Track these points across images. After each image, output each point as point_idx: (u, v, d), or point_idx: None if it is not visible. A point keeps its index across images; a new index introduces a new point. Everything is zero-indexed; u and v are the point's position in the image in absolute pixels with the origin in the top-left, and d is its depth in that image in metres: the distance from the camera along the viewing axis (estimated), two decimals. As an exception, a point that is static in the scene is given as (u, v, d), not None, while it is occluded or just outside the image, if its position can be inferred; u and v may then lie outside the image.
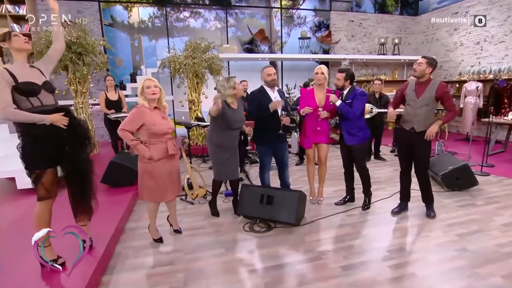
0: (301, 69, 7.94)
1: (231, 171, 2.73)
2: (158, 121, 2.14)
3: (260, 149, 2.94)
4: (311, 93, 2.90)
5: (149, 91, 2.13)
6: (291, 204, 2.53)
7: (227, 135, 2.64)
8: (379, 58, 7.68)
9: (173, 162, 2.26)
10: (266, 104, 2.74)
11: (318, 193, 3.17)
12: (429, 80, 2.53)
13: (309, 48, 7.72)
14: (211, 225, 2.73)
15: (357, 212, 2.93)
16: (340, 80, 2.77)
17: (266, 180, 2.96)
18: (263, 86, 2.84)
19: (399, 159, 2.80)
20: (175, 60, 5.33)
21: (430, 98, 2.50)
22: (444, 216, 2.77)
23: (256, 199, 2.67)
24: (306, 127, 2.97)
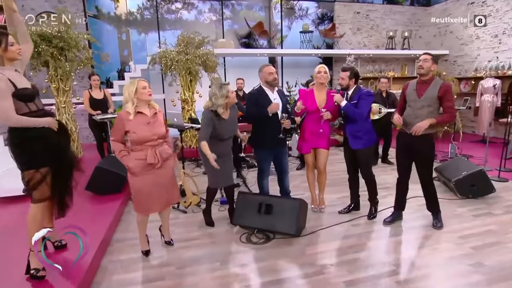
0: (302, 65, 7.98)
1: (225, 177, 2.77)
2: (139, 128, 2.15)
3: (258, 154, 2.98)
4: (310, 94, 2.94)
5: (145, 92, 2.15)
6: (291, 214, 2.56)
7: (218, 144, 2.68)
8: (387, 53, 7.75)
9: (162, 170, 2.26)
10: (266, 106, 2.77)
11: (320, 201, 3.21)
12: (432, 79, 2.56)
13: (312, 42, 7.78)
14: (205, 236, 2.76)
15: (363, 221, 2.96)
16: (344, 79, 2.81)
17: (265, 187, 2.99)
18: (261, 86, 2.88)
19: (397, 164, 2.83)
20: (166, 56, 5.36)
21: (432, 99, 2.52)
22: (457, 226, 2.80)
23: (254, 208, 2.70)
24: (305, 130, 3.00)
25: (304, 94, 2.96)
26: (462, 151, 5.12)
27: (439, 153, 5.25)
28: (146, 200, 2.23)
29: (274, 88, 2.88)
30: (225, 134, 2.66)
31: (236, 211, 2.80)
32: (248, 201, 2.77)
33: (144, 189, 2.21)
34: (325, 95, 2.93)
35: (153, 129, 2.20)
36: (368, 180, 2.94)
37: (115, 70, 6.73)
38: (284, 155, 2.99)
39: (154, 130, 2.20)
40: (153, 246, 2.53)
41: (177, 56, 5.32)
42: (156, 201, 2.27)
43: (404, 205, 2.92)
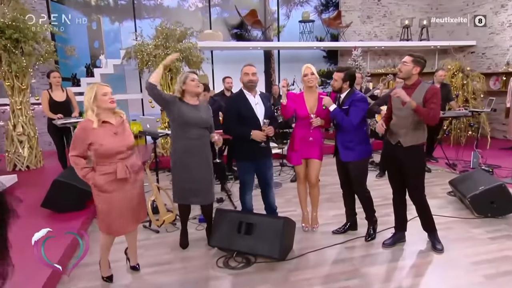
0: (302, 59, 8.11)
1: (195, 191, 2.85)
2: (106, 140, 2.24)
3: (239, 166, 3.11)
4: (300, 98, 3.08)
5: (106, 99, 2.23)
6: (274, 234, 2.67)
7: (187, 137, 2.77)
8: (402, 45, 7.93)
9: (132, 185, 2.37)
10: (246, 112, 2.92)
11: (312, 220, 3.32)
12: (417, 83, 2.67)
13: (313, 33, 7.99)
14: (178, 259, 2.86)
15: (359, 243, 3.07)
16: (337, 81, 2.93)
17: (247, 202, 3.12)
18: (242, 89, 3.03)
19: (389, 179, 2.96)
20: (143, 50, 5.52)
21: (418, 104, 2.60)
22: (469, 250, 2.90)
23: (233, 227, 2.81)
24: (295, 139, 3.13)
25: (293, 98, 3.10)
26: (486, 161, 5.24)
27: (460, 162, 5.39)
28: (117, 220, 2.32)
29: (255, 92, 3.02)
30: (189, 119, 2.74)
31: (213, 230, 2.92)
32: (226, 219, 2.88)
33: (114, 208, 2.29)
34: (317, 98, 3.07)
35: (122, 139, 2.30)
36: (362, 197, 3.04)
37: (83, 66, 6.89)
38: (267, 167, 3.12)
39: (124, 141, 2.31)
40: (117, 272, 2.63)
41: (154, 51, 5.49)
42: (129, 220, 2.38)
43: (405, 224, 3.04)
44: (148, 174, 3.39)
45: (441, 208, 3.75)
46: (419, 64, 2.67)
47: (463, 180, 3.89)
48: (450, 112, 5.53)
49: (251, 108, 2.95)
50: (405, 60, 2.67)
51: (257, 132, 2.89)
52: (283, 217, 2.85)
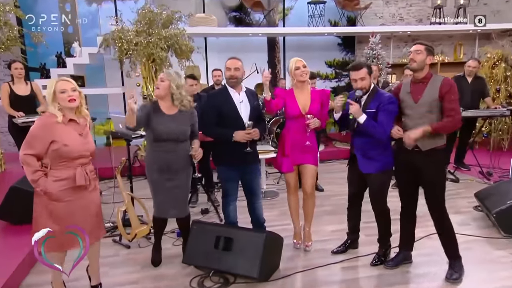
0: (312, 47, 8.27)
1: (171, 204, 2.99)
2: (72, 140, 2.33)
3: (221, 172, 3.22)
4: (290, 95, 3.17)
5: (64, 97, 2.32)
6: (254, 250, 2.77)
7: (159, 149, 2.92)
8: (433, 29, 7.89)
9: (91, 194, 2.49)
10: (228, 111, 3.03)
11: (305, 236, 3.39)
12: (429, 76, 2.71)
13: (324, 17, 8.05)
14: (147, 279, 2.98)
15: (357, 264, 3.14)
16: (365, 80, 2.82)
17: (230, 214, 3.23)
18: (225, 85, 3.16)
19: (399, 189, 3.01)
20: (122, 37, 5.68)
21: (433, 102, 2.66)
22: (486, 276, 2.92)
23: (210, 242, 2.93)
24: (285, 142, 3.21)
25: (282, 95, 3.20)
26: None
27: (496, 171, 5.39)
28: None
29: (240, 88, 3.13)
30: (162, 132, 2.87)
31: (188, 246, 3.04)
32: (203, 233, 3.00)
33: (68, 219, 2.35)
34: (309, 95, 3.16)
35: (86, 142, 2.42)
36: (381, 215, 3.07)
37: (54, 54, 7.05)
38: (254, 174, 3.22)
39: (87, 144, 2.43)
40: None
41: (135, 38, 5.63)
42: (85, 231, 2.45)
43: (412, 243, 3.09)
44: (119, 181, 3.54)
45: (463, 225, 3.79)
46: (431, 53, 2.71)
47: (490, 192, 3.92)
48: (483, 111, 5.52)
49: (234, 107, 3.06)
50: (417, 48, 2.71)
51: (241, 132, 2.98)
52: (266, 231, 2.95)
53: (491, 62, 6.91)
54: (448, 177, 5.18)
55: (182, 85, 2.94)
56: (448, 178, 5.11)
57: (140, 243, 3.55)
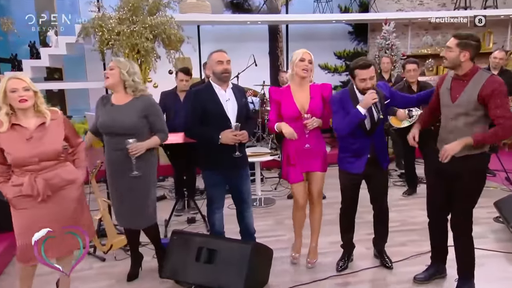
0: (318, 37, 8.36)
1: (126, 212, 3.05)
2: (15, 147, 2.43)
3: (206, 177, 3.30)
4: (287, 94, 3.21)
5: (15, 97, 2.39)
6: (239, 263, 2.86)
7: (109, 147, 2.99)
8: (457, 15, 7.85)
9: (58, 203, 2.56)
10: (213, 110, 3.11)
11: (310, 252, 3.47)
12: (473, 72, 2.64)
13: (333, 1, 8.11)
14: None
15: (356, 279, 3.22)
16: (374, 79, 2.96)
17: (216, 224, 3.33)
18: (210, 82, 3.22)
19: (428, 196, 3.05)
20: (102, 26, 5.80)
21: (470, 103, 2.61)
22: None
23: (191, 254, 3.02)
24: (289, 149, 3.25)
25: (278, 95, 3.24)
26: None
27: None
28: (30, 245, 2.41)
29: (227, 85, 3.20)
30: (103, 124, 2.94)
31: (167, 258, 3.13)
32: (184, 244, 3.09)
33: (31, 228, 2.39)
34: (308, 92, 3.22)
35: (35, 147, 2.46)
36: (385, 214, 3.34)
37: (27, 44, 7.14)
38: (242, 179, 3.30)
39: (37, 149, 2.47)
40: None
41: (118, 26, 5.73)
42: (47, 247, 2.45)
43: (446, 255, 3.14)
44: (94, 187, 3.64)
45: (479, 238, 3.73)
46: (468, 47, 2.60)
47: (507, 203, 3.97)
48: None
49: (220, 106, 3.12)
50: (449, 44, 2.67)
51: (228, 134, 3.04)
52: (253, 242, 3.04)
53: (524, 52, 6.95)
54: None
55: (135, 72, 2.98)
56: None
57: (116, 255, 3.64)
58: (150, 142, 3.01)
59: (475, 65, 2.69)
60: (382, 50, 6.70)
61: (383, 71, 5.96)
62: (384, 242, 3.42)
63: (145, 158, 2.98)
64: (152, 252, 3.65)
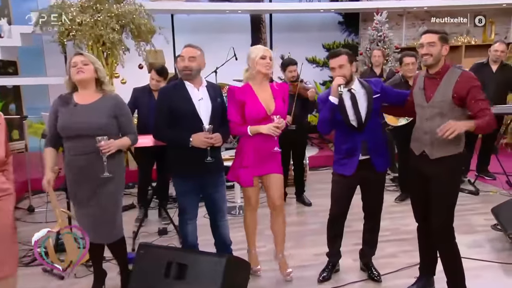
0: (306, 27, 8.42)
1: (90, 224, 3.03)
2: None
3: (177, 184, 3.33)
4: (250, 93, 3.26)
5: None
6: (212, 279, 2.87)
7: (71, 152, 2.95)
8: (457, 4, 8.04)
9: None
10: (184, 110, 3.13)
11: (281, 264, 3.53)
12: (444, 70, 2.80)
13: (321, -11, 8.20)
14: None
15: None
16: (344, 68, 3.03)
17: (189, 235, 3.36)
18: (181, 79, 3.26)
19: (412, 202, 3.16)
20: (62, 14, 5.71)
21: (445, 102, 2.75)
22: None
23: (160, 270, 3.01)
24: (245, 151, 3.32)
25: (241, 94, 3.27)
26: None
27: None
28: None
29: (201, 83, 3.24)
30: (64, 125, 2.90)
31: (133, 275, 3.13)
32: (152, 259, 3.09)
33: None
34: (270, 92, 3.31)
35: None
36: (377, 223, 3.41)
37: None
38: (217, 186, 3.34)
39: None
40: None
41: (80, 15, 5.69)
42: None
43: (435, 266, 3.19)
44: (51, 196, 3.61)
45: (474, 247, 3.94)
46: (446, 41, 2.78)
47: (509, 207, 4.07)
48: (510, 107, 5.68)
49: (192, 105, 3.15)
50: (430, 39, 2.76)
51: (200, 136, 3.06)
52: (228, 255, 3.06)
53: (526, 45, 7.09)
54: (466, 188, 5.37)
55: (103, 70, 3.05)
56: (465, 190, 5.31)
57: (76, 273, 3.62)
58: (121, 142, 3.02)
59: (446, 62, 2.85)
60: (373, 42, 6.79)
61: (374, 65, 6.05)
62: (372, 253, 3.49)
63: (115, 159, 3.00)
64: (117, 268, 3.67)
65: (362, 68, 6.97)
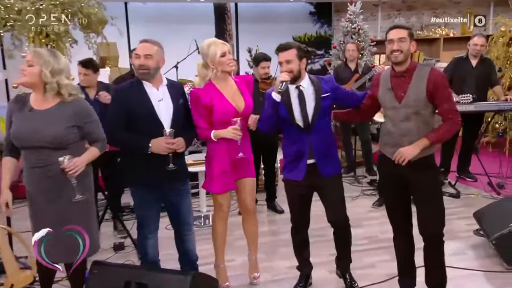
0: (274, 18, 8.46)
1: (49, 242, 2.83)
2: None
3: (135, 195, 3.28)
4: (217, 94, 3.24)
5: None
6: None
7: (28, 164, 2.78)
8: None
9: None
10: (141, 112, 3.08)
11: (251, 267, 3.61)
12: (413, 67, 2.90)
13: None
14: None
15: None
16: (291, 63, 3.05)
17: (149, 251, 3.31)
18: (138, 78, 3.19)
19: (390, 212, 3.21)
20: (0, 1, 5.58)
21: (419, 101, 2.84)
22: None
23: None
24: (218, 154, 3.30)
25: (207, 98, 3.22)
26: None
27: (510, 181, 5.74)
28: None
29: (162, 81, 3.19)
30: (18, 134, 2.72)
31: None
32: (108, 278, 3.02)
33: None
34: (236, 87, 3.34)
35: None
36: (345, 228, 3.35)
37: None
38: (181, 197, 3.30)
39: None
40: None
41: (17, 3, 5.53)
42: None
43: (413, 273, 3.26)
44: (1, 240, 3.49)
45: (456, 254, 4.02)
46: (413, 37, 2.91)
47: (491, 212, 4.17)
48: (492, 103, 5.81)
49: (151, 107, 3.09)
50: (400, 35, 2.84)
51: (160, 141, 3.01)
52: (194, 272, 3.03)
53: (507, 37, 7.21)
54: (447, 191, 5.50)
55: (61, 70, 2.75)
56: (446, 193, 5.41)
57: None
58: (88, 156, 2.85)
59: (412, 60, 2.96)
60: (347, 35, 6.86)
61: (348, 59, 6.10)
62: (348, 261, 3.48)
63: (84, 175, 2.82)
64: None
65: (336, 63, 7.06)
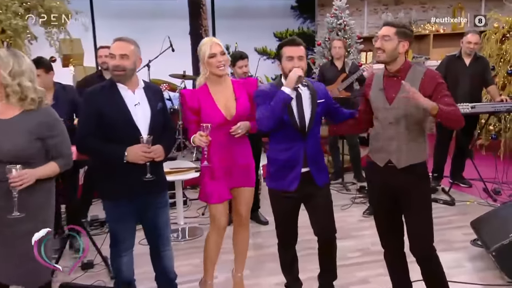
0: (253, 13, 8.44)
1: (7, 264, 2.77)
2: None
3: (108, 209, 3.23)
4: (206, 97, 3.23)
5: None
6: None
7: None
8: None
9: None
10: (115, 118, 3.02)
11: (235, 285, 3.58)
12: (406, 67, 2.93)
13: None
14: None
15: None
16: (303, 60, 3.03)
17: (123, 269, 3.24)
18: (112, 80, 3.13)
19: (376, 224, 3.23)
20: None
21: (410, 102, 2.79)
22: None
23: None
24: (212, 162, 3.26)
25: (195, 100, 3.23)
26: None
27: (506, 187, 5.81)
28: None
29: (138, 84, 3.14)
30: None
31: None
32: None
33: None
34: (232, 91, 3.30)
35: None
36: (332, 243, 3.32)
37: None
38: (159, 210, 3.25)
39: None
40: None
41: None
42: None
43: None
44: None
45: (454, 267, 4.02)
46: (407, 37, 2.89)
47: (490, 221, 4.20)
48: (486, 104, 5.85)
49: (126, 112, 3.04)
50: (384, 33, 2.88)
51: (137, 149, 2.96)
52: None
53: (499, 34, 7.32)
54: (441, 198, 5.56)
55: (23, 72, 2.63)
56: (440, 200, 5.49)
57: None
58: (44, 170, 2.72)
59: (407, 60, 2.99)
60: (333, 31, 6.87)
61: (334, 58, 6.11)
62: (332, 278, 3.43)
63: (36, 190, 2.69)
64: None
65: (321, 61, 7.06)
